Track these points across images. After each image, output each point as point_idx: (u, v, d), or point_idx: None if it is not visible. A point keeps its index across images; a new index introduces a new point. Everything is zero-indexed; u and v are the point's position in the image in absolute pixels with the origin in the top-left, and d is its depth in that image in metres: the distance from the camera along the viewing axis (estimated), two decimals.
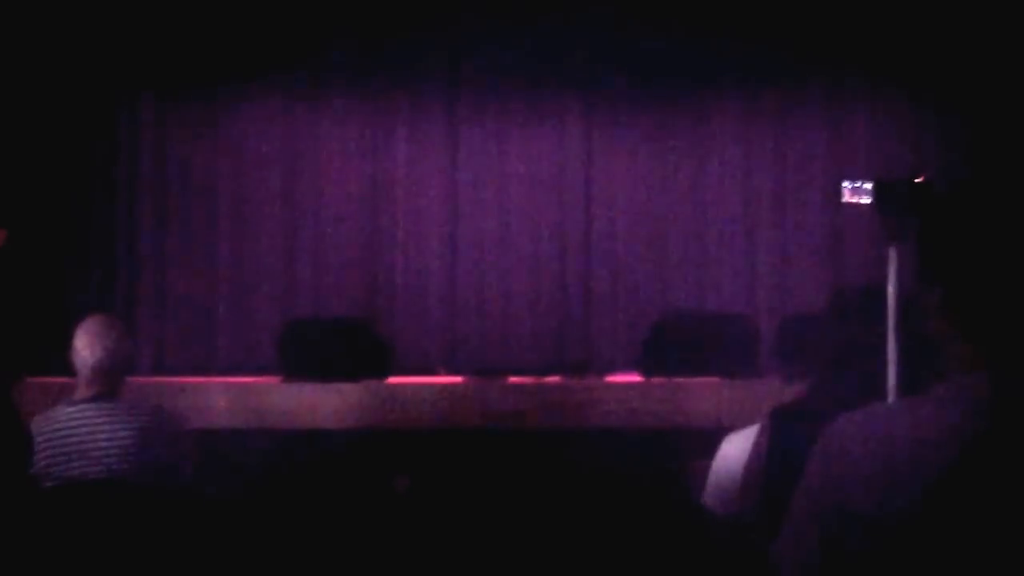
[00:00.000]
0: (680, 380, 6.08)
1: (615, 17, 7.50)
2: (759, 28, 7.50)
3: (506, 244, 7.78)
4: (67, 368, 4.18)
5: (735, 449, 3.35)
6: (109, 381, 4.12)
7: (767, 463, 2.99)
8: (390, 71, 7.75)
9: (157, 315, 7.60)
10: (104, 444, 4.01)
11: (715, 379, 6.06)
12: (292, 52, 7.63)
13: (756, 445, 3.10)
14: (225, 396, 6.10)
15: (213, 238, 7.75)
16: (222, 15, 7.54)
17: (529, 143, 7.81)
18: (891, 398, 2.59)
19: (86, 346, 4.12)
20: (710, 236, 7.73)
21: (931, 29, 7.42)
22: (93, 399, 4.10)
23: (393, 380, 6.33)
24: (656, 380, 6.17)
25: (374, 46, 7.69)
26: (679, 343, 6.22)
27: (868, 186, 2.13)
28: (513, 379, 6.29)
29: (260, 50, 7.63)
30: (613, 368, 6.70)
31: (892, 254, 2.30)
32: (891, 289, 2.36)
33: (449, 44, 7.71)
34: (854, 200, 2.15)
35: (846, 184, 2.15)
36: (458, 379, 6.42)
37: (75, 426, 4.04)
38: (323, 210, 7.81)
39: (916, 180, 2.10)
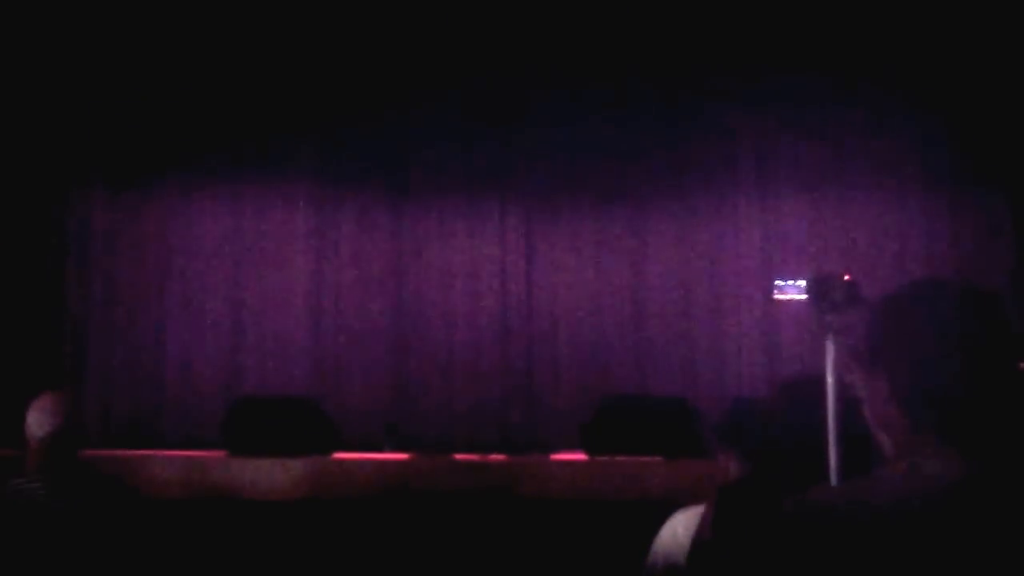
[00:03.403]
0: (623, 459, 6.16)
1: (555, 117, 7.74)
2: (691, 124, 7.76)
3: (450, 329, 7.87)
4: (20, 442, 4.21)
5: (681, 527, 3.42)
6: (59, 455, 4.14)
7: (713, 540, 3.06)
8: (339, 165, 7.90)
9: (104, 391, 7.59)
10: (53, 514, 4.02)
11: (658, 459, 6.14)
12: (243, 144, 7.77)
13: (702, 523, 3.18)
14: (172, 470, 6.09)
15: (161, 317, 7.80)
16: (173, 108, 7.68)
17: (472, 236, 7.95)
18: (833, 482, 2.65)
19: (36, 421, 4.15)
20: (649, 322, 7.88)
21: (858, 123, 7.68)
22: (41, 472, 4.12)
23: (339, 456, 6.35)
24: (600, 459, 6.24)
25: (324, 141, 7.84)
26: (622, 424, 6.30)
27: (800, 283, 2.24)
28: (458, 456, 6.33)
29: (210, 141, 7.77)
30: (558, 447, 6.76)
31: (829, 345, 2.40)
32: (829, 378, 2.46)
33: (396, 140, 7.87)
34: (785, 297, 2.25)
35: (778, 282, 2.25)
36: (404, 456, 6.44)
37: (25, 497, 4.05)
38: (270, 293, 7.88)
39: (846, 278, 2.21)
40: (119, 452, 6.40)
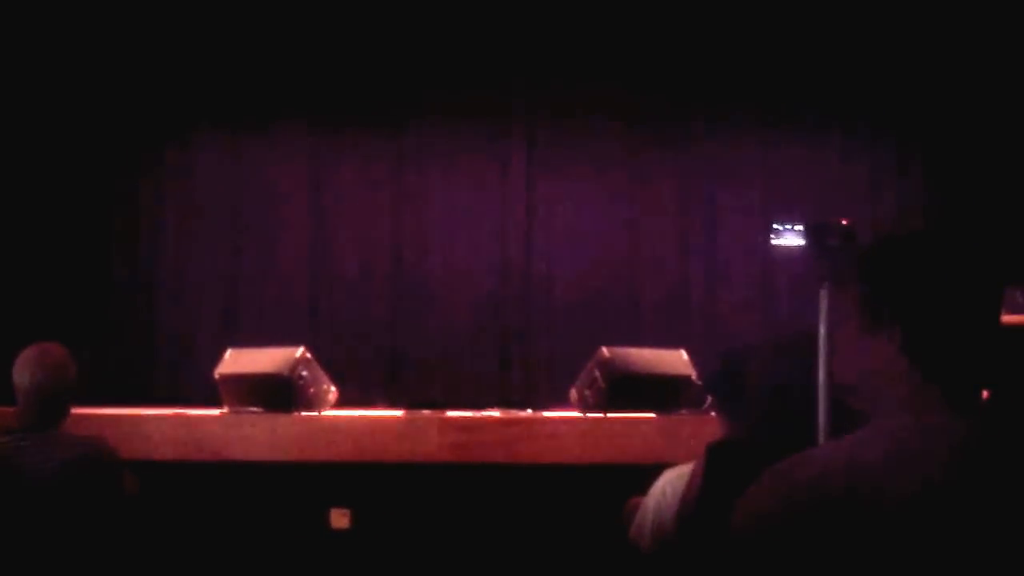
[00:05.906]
0: (616, 416, 6.14)
1: (558, 61, 7.69)
2: (696, 74, 7.73)
3: (447, 280, 7.84)
4: (11, 397, 4.16)
5: (672, 485, 3.41)
6: (47, 410, 4.10)
7: (702, 497, 3.05)
8: (338, 108, 7.83)
9: (97, 345, 7.54)
10: (35, 474, 3.99)
11: (651, 415, 6.13)
12: (235, 86, 7.71)
13: (691, 480, 3.16)
14: (162, 427, 6.07)
15: (155, 268, 7.78)
16: (166, 56, 7.63)
17: (472, 182, 7.91)
18: (822, 436, 2.63)
19: (23, 374, 4.10)
20: (645, 274, 7.86)
21: (861, 75, 7.64)
22: (28, 428, 4.08)
23: (330, 413, 6.33)
24: (593, 416, 6.22)
25: (324, 80, 7.76)
26: (615, 379, 6.27)
27: (799, 228, 2.21)
28: (451, 413, 6.31)
29: (204, 89, 7.71)
30: (551, 403, 6.75)
31: (823, 295, 2.37)
32: (822, 329, 2.43)
33: (396, 80, 7.80)
34: (785, 242, 2.23)
35: (777, 226, 2.22)
36: (396, 412, 6.42)
37: (7, 455, 4.01)
38: (266, 242, 7.85)
39: (843, 223, 2.19)
40: (110, 409, 6.36)
